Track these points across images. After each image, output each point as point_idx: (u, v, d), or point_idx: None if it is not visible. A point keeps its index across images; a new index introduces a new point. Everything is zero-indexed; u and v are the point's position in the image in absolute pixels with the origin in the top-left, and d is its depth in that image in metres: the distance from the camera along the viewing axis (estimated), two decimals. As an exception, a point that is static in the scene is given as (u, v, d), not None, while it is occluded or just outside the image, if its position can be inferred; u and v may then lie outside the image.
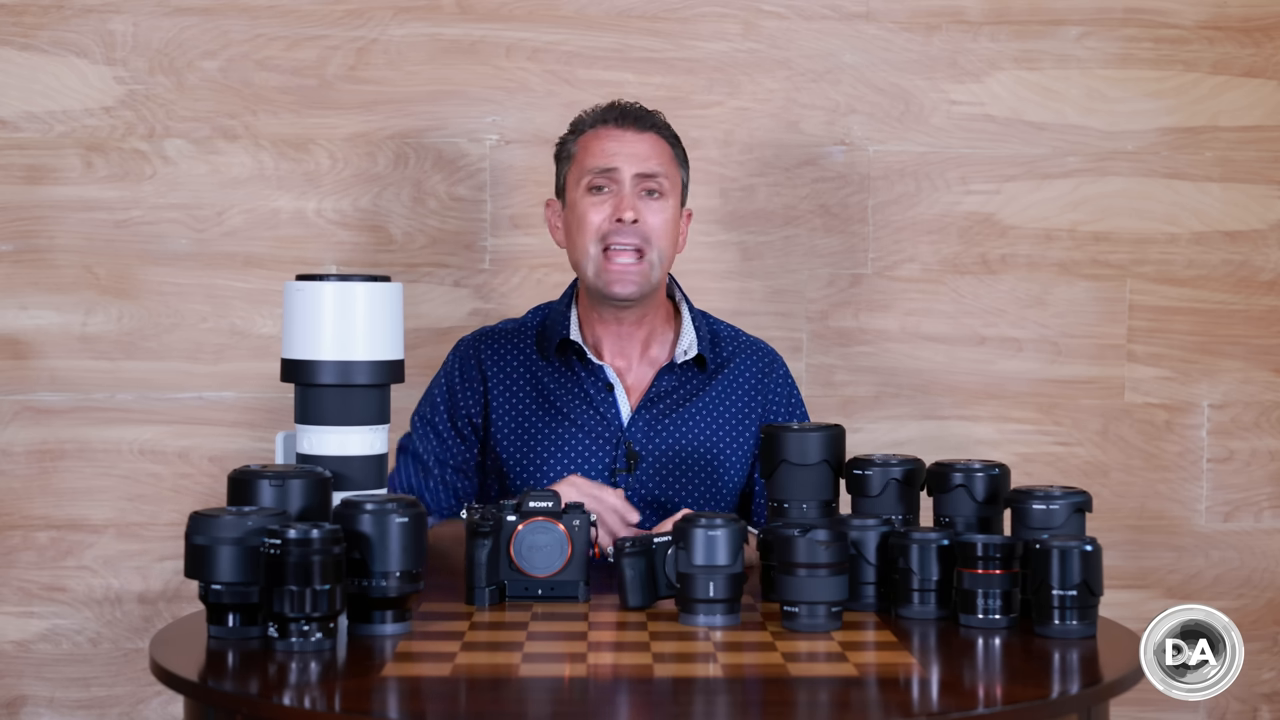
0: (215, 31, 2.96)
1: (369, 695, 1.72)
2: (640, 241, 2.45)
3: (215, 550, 1.85)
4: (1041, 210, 3.07)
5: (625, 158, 2.47)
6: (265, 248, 2.98)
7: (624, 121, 2.51)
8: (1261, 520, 3.12)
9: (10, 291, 2.95)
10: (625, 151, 2.48)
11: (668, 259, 2.49)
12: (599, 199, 2.47)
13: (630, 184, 2.46)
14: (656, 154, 2.50)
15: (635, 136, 2.50)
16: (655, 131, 2.52)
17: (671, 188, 2.50)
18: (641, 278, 2.46)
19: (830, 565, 1.95)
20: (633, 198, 2.46)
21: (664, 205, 2.48)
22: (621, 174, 2.46)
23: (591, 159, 2.48)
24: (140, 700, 2.99)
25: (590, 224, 2.46)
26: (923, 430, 3.06)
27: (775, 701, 1.74)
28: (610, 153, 2.48)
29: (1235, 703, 3.12)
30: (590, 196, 2.47)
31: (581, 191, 2.48)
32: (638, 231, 2.45)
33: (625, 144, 2.49)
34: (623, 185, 2.46)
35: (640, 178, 2.47)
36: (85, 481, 2.96)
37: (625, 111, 2.52)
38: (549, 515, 2.11)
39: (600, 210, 2.46)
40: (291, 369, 2.04)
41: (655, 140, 2.51)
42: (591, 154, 2.49)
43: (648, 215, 2.46)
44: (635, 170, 2.47)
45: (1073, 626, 1.94)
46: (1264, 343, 3.12)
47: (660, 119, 2.54)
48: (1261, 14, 3.08)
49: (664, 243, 2.47)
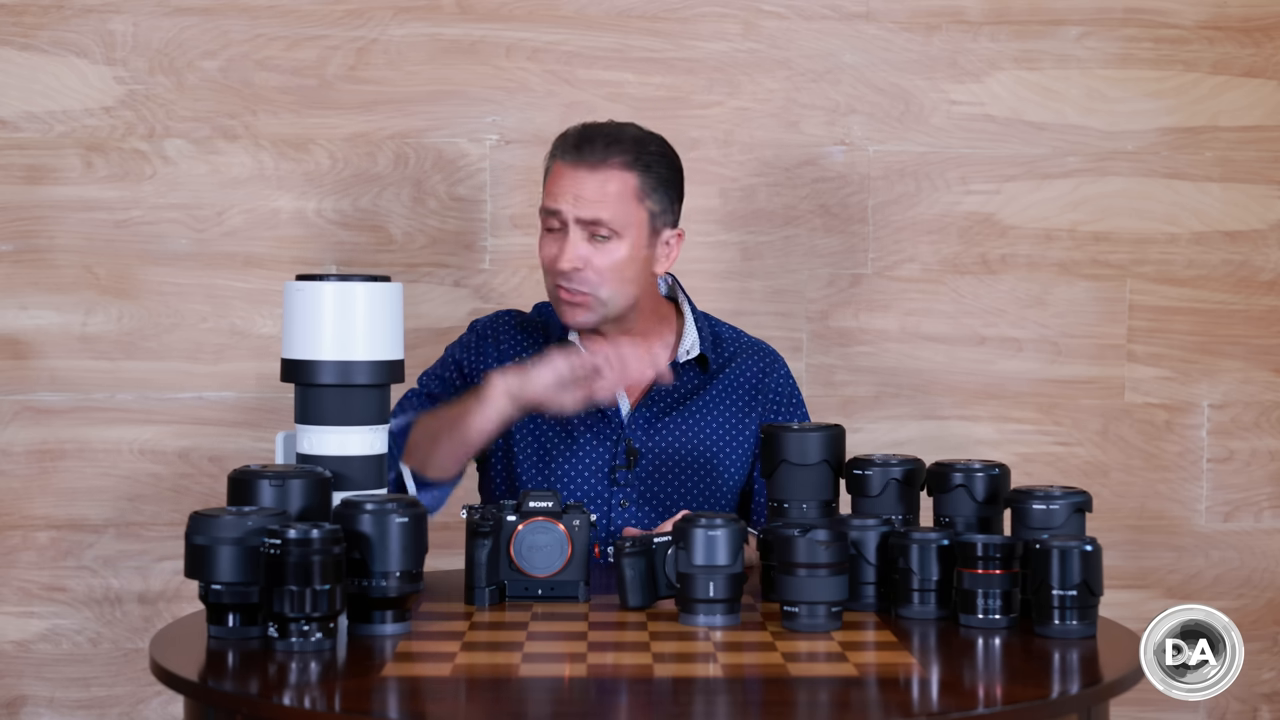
0: (215, 31, 2.96)
1: (369, 695, 1.72)
2: (585, 287, 2.41)
3: (215, 550, 1.85)
4: (1041, 210, 3.07)
5: (570, 200, 2.40)
6: (265, 248, 2.98)
7: (581, 156, 2.41)
8: (1261, 520, 3.12)
9: (10, 291, 2.95)
10: (571, 193, 2.40)
11: (622, 296, 2.44)
12: (550, 237, 2.44)
13: (574, 228, 2.41)
14: (609, 195, 2.40)
15: (589, 174, 2.40)
16: (618, 166, 2.41)
17: (625, 227, 2.41)
18: (593, 312, 2.43)
19: (830, 565, 1.95)
20: (576, 244, 2.40)
21: (613, 247, 2.41)
22: (564, 216, 2.41)
23: (546, 195, 2.45)
24: (140, 700, 2.99)
25: (544, 258, 2.45)
26: (923, 430, 3.06)
27: (775, 701, 1.74)
28: (558, 193, 2.42)
29: (1235, 703, 3.12)
30: (545, 233, 2.45)
31: (541, 225, 2.46)
32: (581, 278, 2.41)
33: (576, 183, 2.41)
34: (567, 228, 2.41)
35: (582, 222, 2.41)
36: (85, 481, 2.97)
37: (586, 143, 2.42)
38: (549, 515, 2.11)
39: (550, 250, 2.44)
40: (291, 369, 2.04)
41: (610, 177, 2.40)
42: (548, 188, 2.45)
43: (593, 259, 2.41)
44: (577, 215, 2.40)
45: (1073, 626, 1.94)
46: (1264, 343, 3.12)
47: (631, 146, 2.42)
48: (1261, 14, 3.08)
49: (613, 283, 2.42)
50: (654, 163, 2.44)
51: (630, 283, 2.44)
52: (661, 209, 2.46)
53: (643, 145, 2.44)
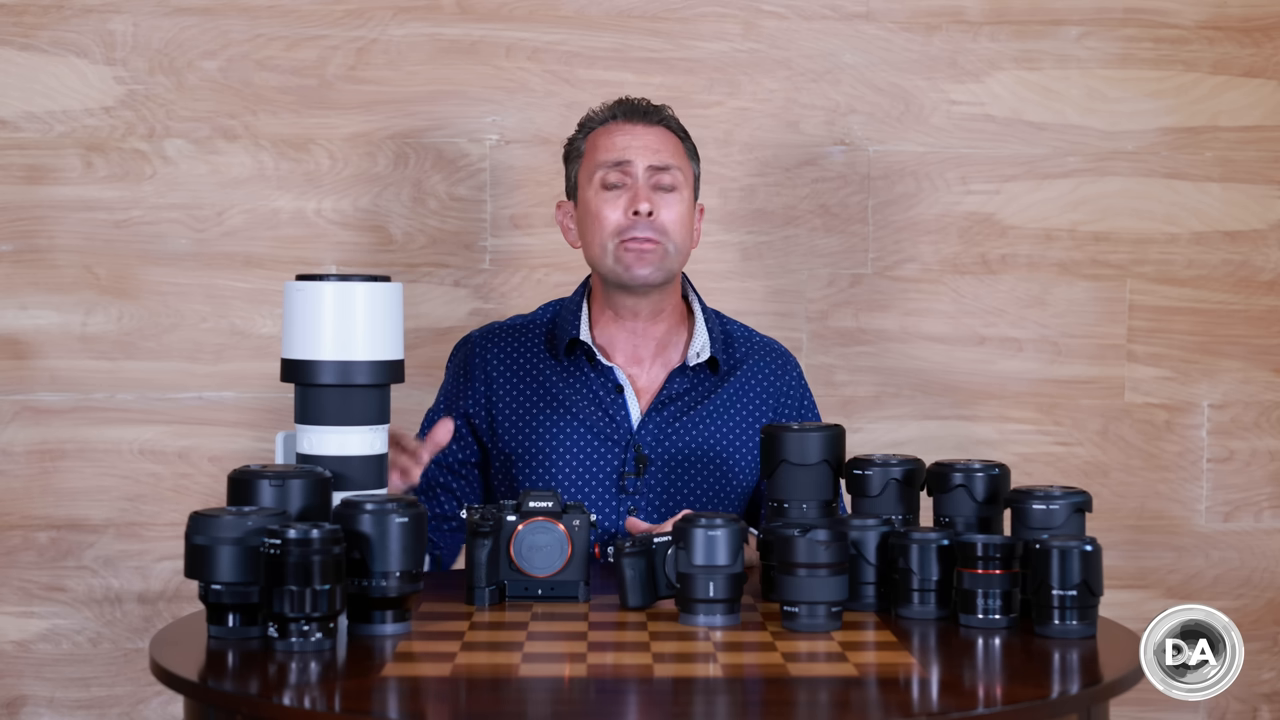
0: (215, 31, 2.96)
1: (369, 695, 1.72)
2: (656, 234, 2.44)
3: (215, 550, 1.85)
4: (1041, 210, 3.07)
5: (637, 150, 2.47)
6: (265, 248, 2.98)
7: (633, 115, 2.50)
8: (1261, 520, 3.12)
9: (10, 291, 2.95)
10: (637, 144, 2.47)
11: (684, 251, 2.48)
12: (613, 195, 2.46)
13: (644, 177, 2.46)
14: (668, 146, 2.49)
15: (645, 129, 2.49)
16: (664, 125, 2.51)
17: (685, 180, 2.49)
18: (660, 260, 2.44)
19: (830, 565, 1.95)
20: (647, 190, 2.45)
21: (678, 199, 2.47)
22: (634, 167, 2.46)
23: (603, 154, 2.47)
24: (140, 700, 2.99)
25: (606, 220, 2.44)
26: (923, 430, 3.06)
27: (775, 701, 1.74)
28: (622, 146, 2.47)
29: (1235, 703, 3.12)
30: (604, 193, 2.46)
31: (595, 188, 2.47)
32: (653, 225, 2.44)
33: (636, 137, 2.48)
34: (636, 179, 2.45)
35: (653, 170, 2.46)
36: (85, 481, 2.97)
37: (634, 106, 2.52)
38: (549, 515, 2.11)
39: (615, 206, 2.45)
40: (291, 369, 2.04)
41: (665, 133, 2.50)
42: (602, 149, 2.48)
43: (662, 209, 2.45)
44: (648, 163, 2.46)
45: (1073, 626, 1.94)
46: (1264, 343, 3.12)
47: (669, 112, 2.54)
48: (1261, 14, 3.08)
49: (680, 235, 2.46)
50: (686, 135, 2.56)
51: (686, 241, 2.49)
52: (698, 175, 2.56)
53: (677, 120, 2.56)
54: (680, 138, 2.53)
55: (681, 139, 2.53)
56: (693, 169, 2.54)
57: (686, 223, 2.48)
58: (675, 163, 2.48)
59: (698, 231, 2.56)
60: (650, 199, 2.44)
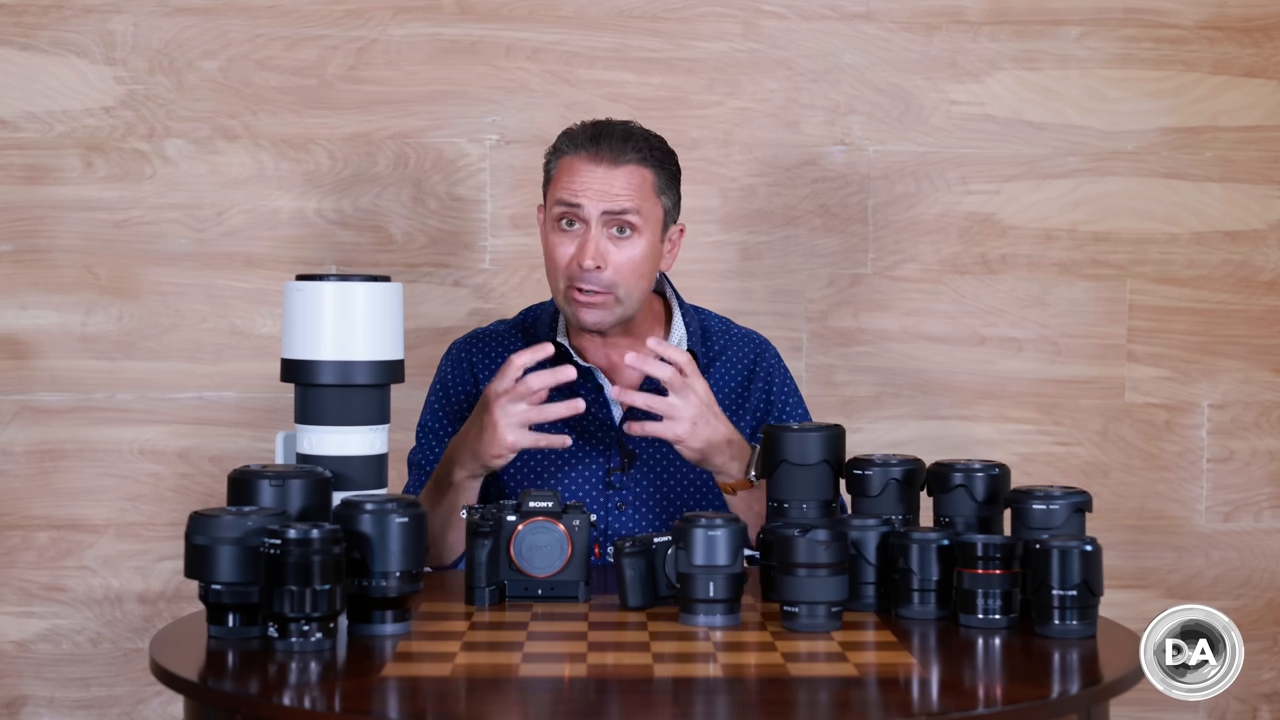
0: (215, 31, 2.96)
1: (369, 695, 1.72)
2: (604, 287, 2.37)
3: (215, 550, 1.85)
4: (1041, 210, 3.07)
5: (593, 194, 2.37)
6: (265, 248, 2.98)
7: (600, 149, 2.38)
8: (1261, 520, 3.12)
9: (10, 291, 2.95)
10: (595, 188, 2.37)
11: (638, 293, 2.41)
12: (566, 235, 2.39)
13: (596, 223, 2.37)
14: (631, 189, 2.37)
15: (608, 172, 2.36)
16: (635, 161, 2.38)
17: (646, 222, 2.40)
18: (608, 312, 2.39)
19: (830, 565, 1.95)
20: (598, 240, 2.36)
21: (633, 243, 2.38)
22: (587, 212, 2.37)
23: (561, 189, 2.39)
24: (140, 700, 2.99)
25: (558, 260, 2.39)
26: (923, 430, 3.06)
27: (775, 701, 1.74)
28: (579, 187, 2.37)
29: (1235, 703, 3.12)
30: (558, 231, 2.39)
31: (552, 223, 2.41)
32: (600, 279, 2.36)
33: (595, 179, 2.37)
34: (589, 225, 2.37)
35: (608, 215, 2.37)
36: (85, 481, 2.97)
37: (603, 137, 2.39)
38: (549, 515, 2.11)
39: (566, 248, 2.38)
40: (291, 369, 2.04)
41: (632, 172, 2.37)
42: (563, 184, 2.39)
43: (614, 256, 2.37)
44: (603, 208, 2.37)
45: (1073, 626, 1.94)
46: (1264, 343, 3.12)
47: (643, 143, 2.40)
48: (1261, 14, 3.08)
49: (631, 280, 2.39)
50: (664, 159, 2.43)
51: (645, 279, 2.42)
52: (672, 204, 2.45)
53: (652, 143, 2.43)
54: (655, 168, 2.40)
55: (656, 169, 2.40)
56: (662, 204, 2.42)
57: (641, 266, 2.39)
58: (634, 204, 2.37)
59: (674, 254, 2.48)
60: (597, 252, 2.36)
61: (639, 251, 2.39)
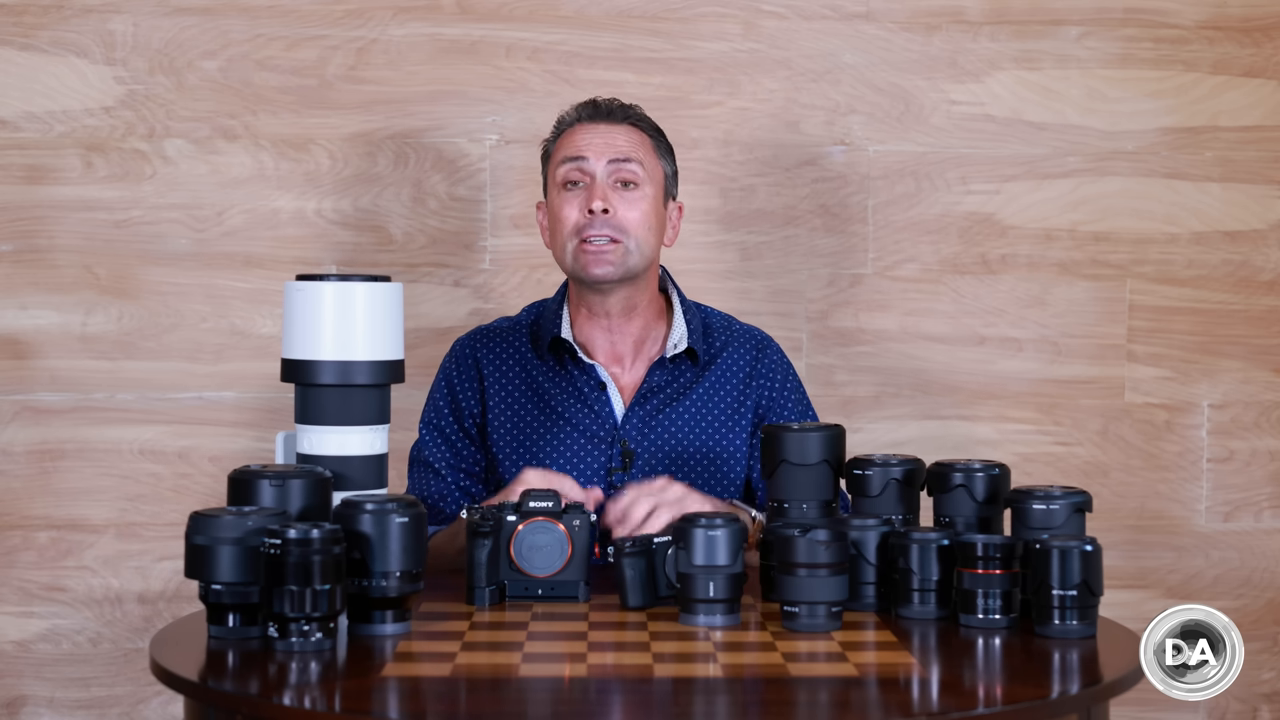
0: (215, 31, 2.96)
1: (369, 695, 1.72)
2: (614, 232, 2.42)
3: (215, 550, 1.85)
4: (1041, 210, 3.07)
5: (597, 147, 2.46)
6: (265, 248, 2.98)
7: (597, 115, 2.50)
8: (1261, 520, 3.12)
9: (10, 291, 2.95)
10: (597, 141, 2.46)
11: (647, 247, 2.46)
12: (573, 194, 2.45)
13: (602, 174, 2.44)
14: (631, 142, 2.48)
15: (609, 127, 2.48)
16: (630, 124, 2.50)
17: (648, 176, 2.47)
18: (618, 259, 2.43)
19: (830, 565, 1.95)
20: (604, 188, 2.44)
21: (639, 195, 2.45)
22: (591, 164, 2.45)
23: (564, 150, 2.48)
24: (140, 700, 2.99)
25: (566, 219, 2.44)
26: (923, 430, 3.06)
27: (775, 701, 1.74)
28: (584, 144, 2.46)
29: (1235, 703, 3.12)
30: (564, 193, 2.46)
31: (557, 188, 2.47)
32: (609, 222, 2.42)
33: (598, 134, 2.47)
34: (594, 176, 2.44)
35: (612, 164, 2.45)
36: (85, 481, 2.97)
37: (599, 106, 2.51)
38: (549, 515, 2.11)
39: (574, 205, 2.44)
40: (291, 369, 2.04)
41: (630, 130, 2.49)
42: (564, 149, 2.48)
43: (620, 207, 2.43)
44: (607, 157, 2.45)
45: (1073, 626, 1.94)
46: (1264, 343, 3.12)
47: (638, 112, 2.53)
48: (1261, 14, 3.08)
49: (640, 232, 2.44)
50: (659, 132, 2.55)
51: (654, 234, 2.47)
52: (672, 173, 2.54)
53: (646, 117, 2.55)
54: (651, 135, 2.52)
55: (652, 136, 2.52)
56: (663, 167, 2.51)
57: (650, 220, 2.46)
58: (637, 156, 2.46)
59: (675, 229, 2.55)
60: (607, 196, 2.43)
61: (646, 205, 2.46)
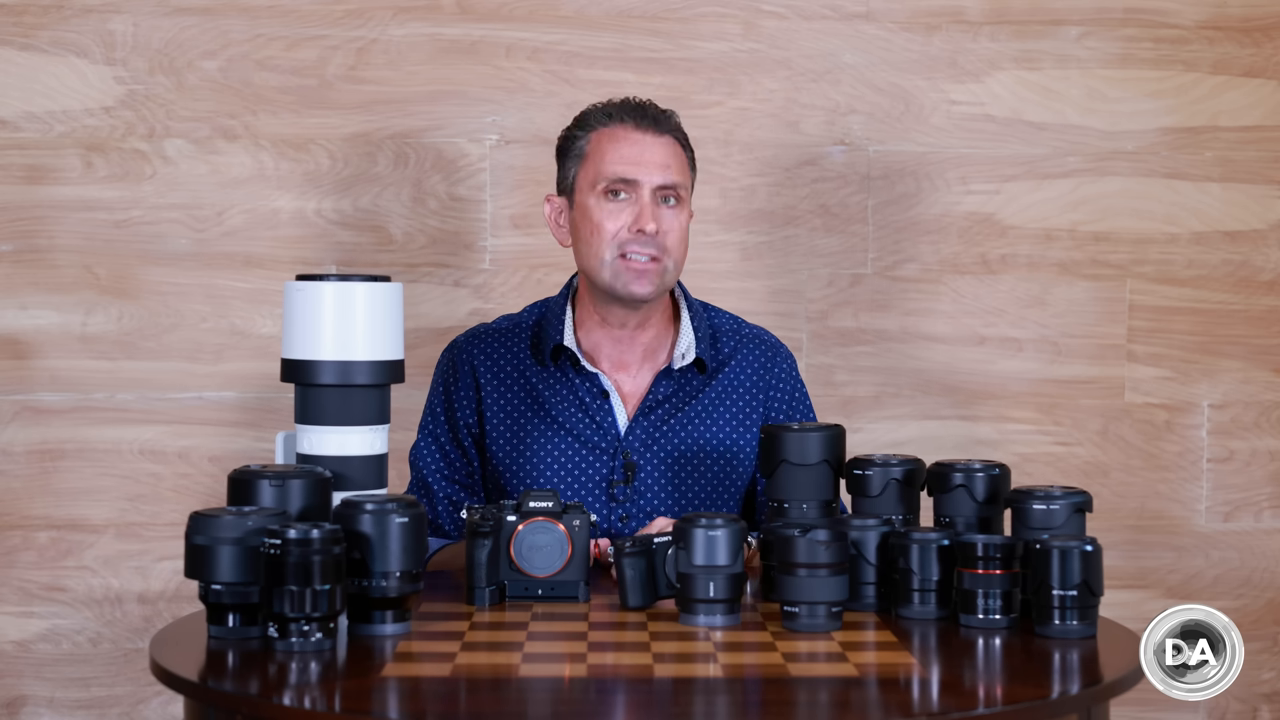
0: (215, 31, 2.96)
1: (369, 695, 1.72)
2: (658, 251, 2.40)
3: (215, 550, 1.85)
4: (1041, 210, 3.07)
5: (647, 168, 2.41)
6: (265, 248, 2.98)
7: (643, 123, 2.43)
8: (1261, 520, 3.12)
9: (10, 291, 2.95)
10: (647, 160, 2.41)
11: (681, 266, 2.45)
12: (616, 205, 2.41)
13: (649, 194, 2.40)
14: (676, 162, 2.44)
15: (655, 141, 2.42)
16: (672, 133, 2.45)
17: (687, 195, 2.46)
18: (658, 278, 2.40)
19: (830, 565, 1.95)
20: (652, 207, 2.40)
21: (679, 213, 2.43)
22: (642, 185, 2.40)
23: (610, 165, 2.41)
24: (140, 700, 2.99)
25: (607, 231, 2.40)
26: (923, 430, 3.06)
27: (775, 701, 1.74)
28: (631, 160, 2.41)
29: (1235, 703, 3.12)
30: (607, 203, 2.41)
31: (597, 196, 2.41)
32: (655, 242, 2.40)
33: (646, 150, 2.42)
34: (642, 195, 2.40)
35: (660, 189, 2.41)
36: (85, 481, 2.97)
37: (644, 111, 2.45)
38: (549, 515, 2.11)
39: (617, 219, 2.40)
40: (291, 369, 2.04)
41: (673, 147, 2.44)
42: (609, 159, 2.42)
43: (665, 225, 2.41)
44: (658, 182, 2.41)
45: (1073, 626, 1.94)
46: (1264, 343, 3.12)
47: (675, 120, 2.47)
48: (1261, 14, 3.08)
49: (679, 251, 2.43)
50: (688, 142, 2.50)
51: (684, 254, 2.47)
52: (694, 183, 2.53)
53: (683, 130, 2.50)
54: (684, 146, 2.47)
55: (684, 148, 2.47)
56: (692, 179, 2.49)
57: (685, 237, 2.44)
58: (681, 179, 2.43)
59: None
60: (656, 216, 2.40)
61: (684, 221, 2.45)
